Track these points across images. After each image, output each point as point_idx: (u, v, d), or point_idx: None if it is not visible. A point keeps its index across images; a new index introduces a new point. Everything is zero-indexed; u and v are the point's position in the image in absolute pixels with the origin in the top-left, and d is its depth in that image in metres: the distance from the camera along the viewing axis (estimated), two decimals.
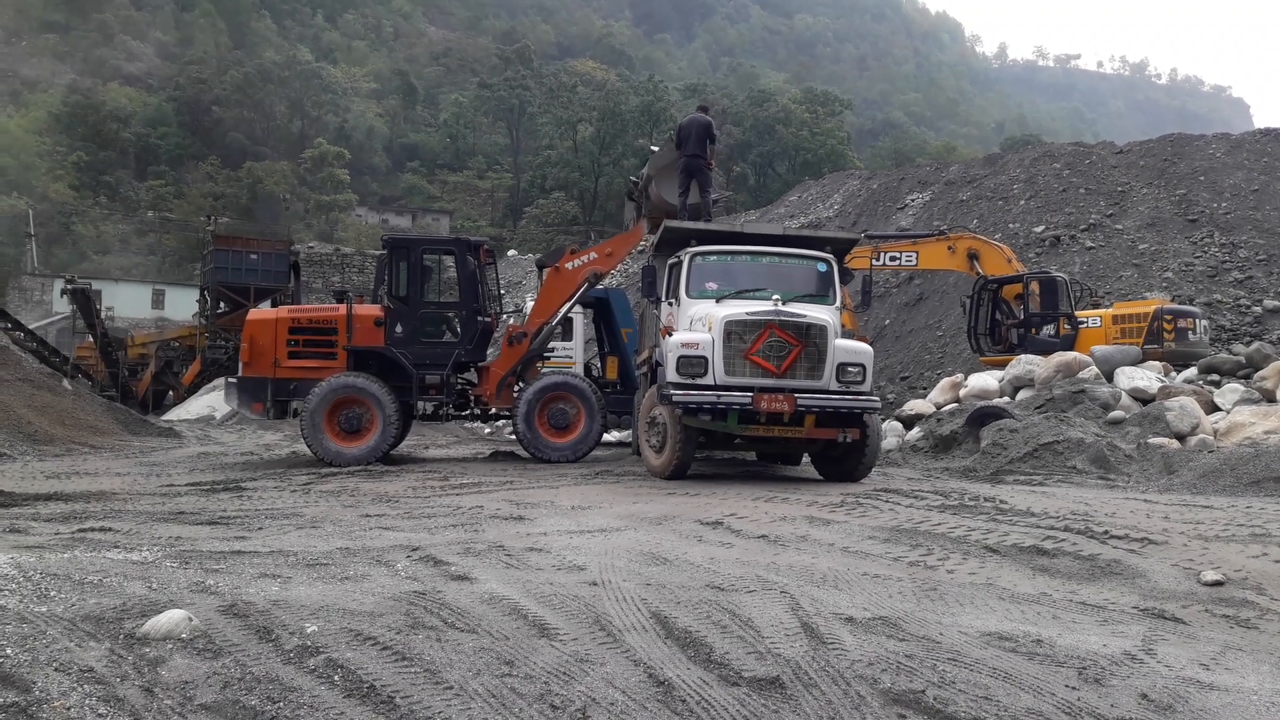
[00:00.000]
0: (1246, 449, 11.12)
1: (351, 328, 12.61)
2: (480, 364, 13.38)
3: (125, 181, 74.91)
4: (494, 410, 13.48)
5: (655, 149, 14.75)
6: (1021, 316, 18.14)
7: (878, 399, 11.08)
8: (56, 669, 3.56)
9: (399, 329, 12.81)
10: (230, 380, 12.71)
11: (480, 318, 13.22)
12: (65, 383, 18.39)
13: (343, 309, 12.99)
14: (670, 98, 78.44)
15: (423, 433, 20.66)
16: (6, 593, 4.41)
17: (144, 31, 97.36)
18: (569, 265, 13.89)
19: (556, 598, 4.82)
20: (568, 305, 13.89)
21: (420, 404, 13.06)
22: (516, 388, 13.45)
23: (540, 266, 15.03)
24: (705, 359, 10.19)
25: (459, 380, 13.23)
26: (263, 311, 13.89)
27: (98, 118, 76.17)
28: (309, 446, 12.25)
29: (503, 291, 17.90)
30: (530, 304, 22.20)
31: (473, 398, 13.34)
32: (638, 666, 3.89)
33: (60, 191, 66.13)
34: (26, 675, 3.46)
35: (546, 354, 14.43)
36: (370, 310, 12.98)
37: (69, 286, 35.14)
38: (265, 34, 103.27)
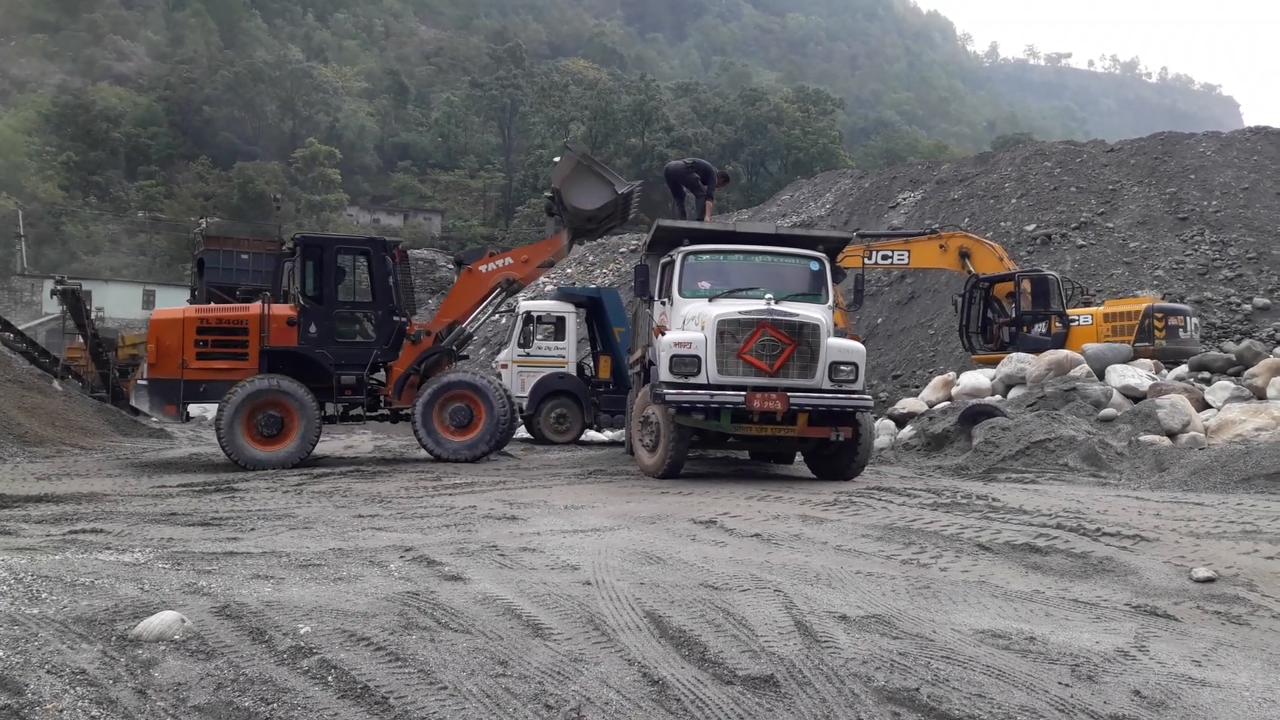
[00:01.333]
0: (1237, 446, 11.17)
1: (268, 327, 12.36)
2: (390, 364, 13.20)
3: (115, 181, 74.66)
4: (399, 409, 13.26)
5: (556, 160, 14.43)
6: (1013, 315, 18.18)
7: (870, 398, 11.10)
8: (49, 671, 3.55)
9: (313, 329, 12.58)
10: (141, 382, 12.63)
11: (395, 318, 13.03)
12: (55, 384, 18.30)
13: (253, 308, 12.72)
14: (662, 97, 78.46)
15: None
16: None
17: (134, 31, 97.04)
18: (483, 268, 13.72)
19: (550, 597, 4.82)
20: (479, 309, 13.65)
21: (333, 405, 12.84)
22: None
23: (457, 264, 14.79)
24: (698, 358, 10.20)
25: (372, 380, 13.08)
26: (167, 311, 13.53)
27: (88, 117, 75.89)
28: (225, 451, 11.91)
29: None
30: (522, 302, 22.19)
31: (382, 398, 13.18)
32: (632, 666, 3.89)
33: (50, 191, 65.88)
34: (18, 678, 3.45)
35: (461, 355, 14.25)
36: (283, 310, 12.70)
37: (59, 287, 34.89)
38: (256, 33, 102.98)
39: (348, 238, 15.82)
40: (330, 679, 3.62)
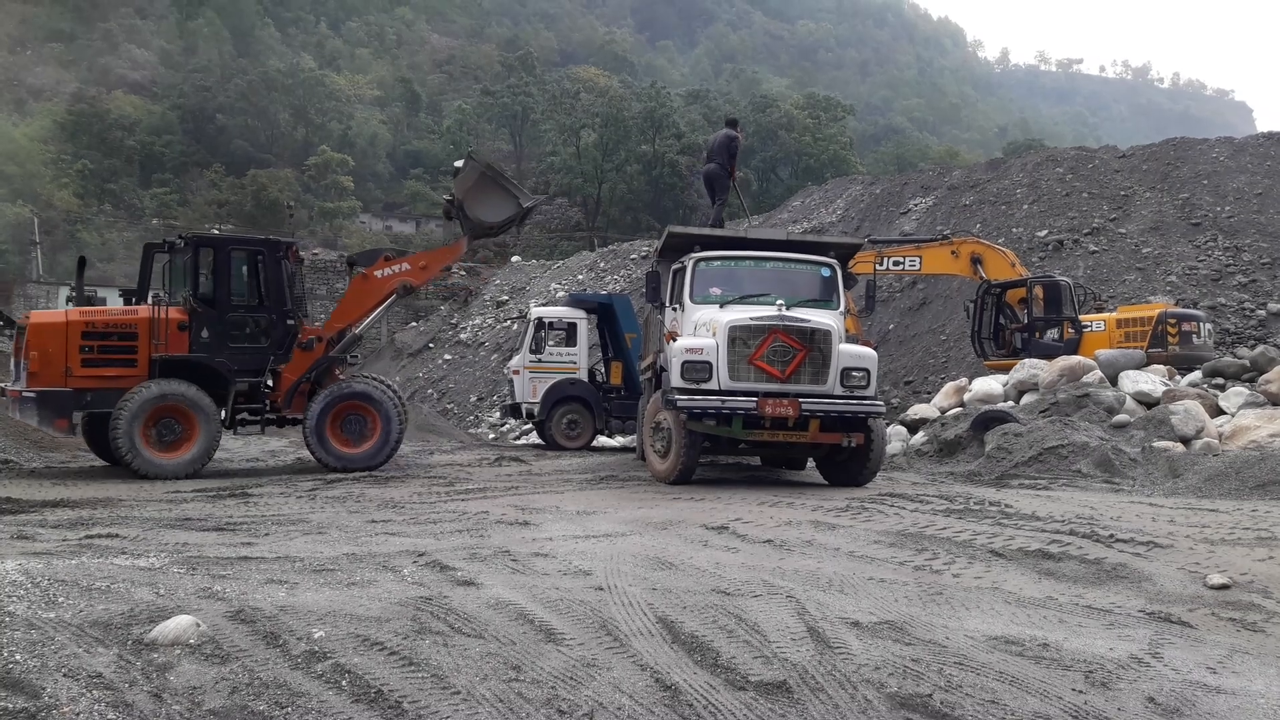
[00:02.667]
0: (1251, 452, 11.10)
1: (159, 332, 11.67)
2: (281, 369, 12.64)
3: (130, 189, 75.06)
4: (287, 417, 12.88)
5: (458, 165, 14.04)
6: (1025, 321, 18.12)
7: (882, 403, 11.08)
8: (65, 675, 3.57)
9: (205, 334, 12.00)
10: (27, 394, 11.35)
11: (289, 321, 12.52)
12: None
13: (142, 311, 11.96)
14: (673, 104, 78.50)
15: (425, 439, 20.68)
16: (15, 599, 4.43)
17: (148, 40, 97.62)
18: (378, 273, 13.29)
19: (563, 602, 4.83)
20: (375, 314, 13.32)
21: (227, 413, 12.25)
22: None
23: (350, 264, 14.37)
24: (710, 364, 10.20)
25: (265, 387, 12.59)
26: (47, 314, 12.72)
27: (102, 125, 76.33)
28: (124, 459, 11.21)
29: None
30: (534, 307, 22.22)
31: (268, 404, 12.63)
32: (644, 671, 3.90)
33: (65, 199, 66.26)
34: (35, 681, 3.48)
35: (352, 359, 13.85)
36: (173, 314, 11.93)
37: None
38: (269, 42, 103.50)
39: (241, 236, 15.02)
40: (344, 683, 3.64)
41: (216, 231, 40.74)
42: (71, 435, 11.99)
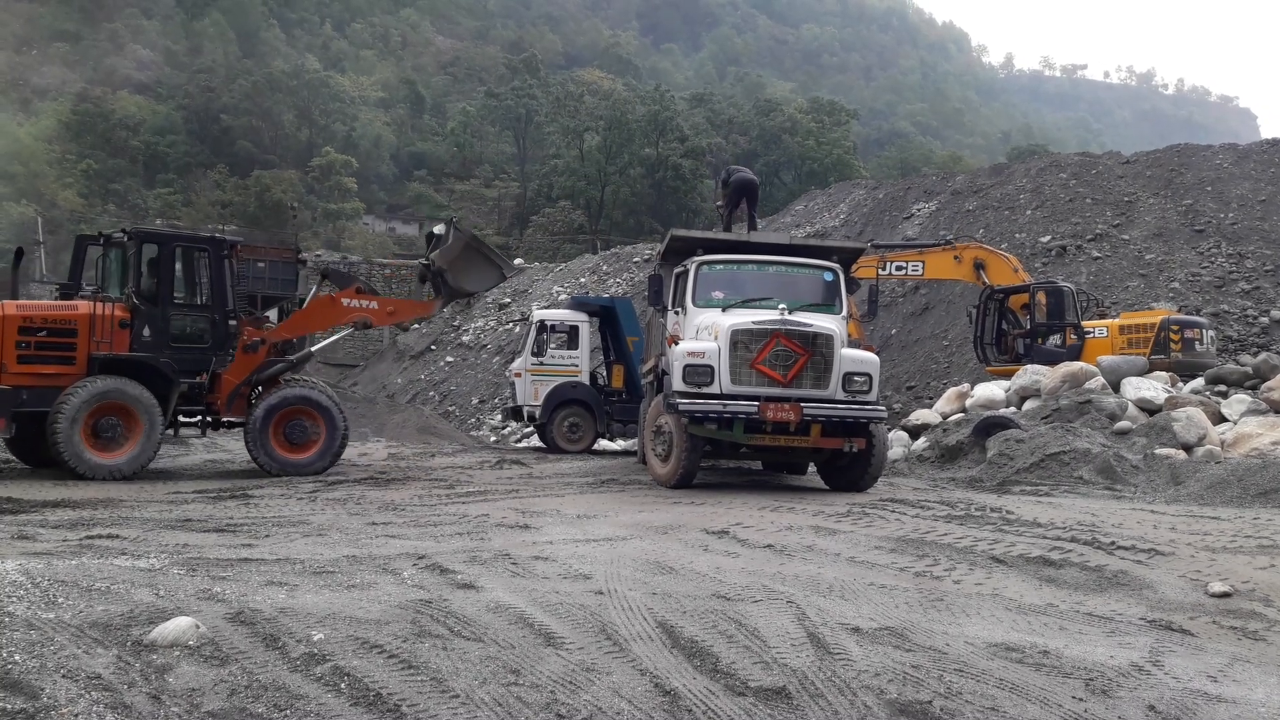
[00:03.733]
0: (1254, 460, 11.09)
1: (99, 329, 11.25)
2: (221, 371, 12.27)
3: (134, 189, 75.17)
4: (224, 420, 12.54)
5: (437, 231, 13.93)
6: (1028, 326, 18.12)
7: (884, 409, 11.08)
8: (64, 676, 3.57)
9: (147, 332, 11.61)
10: None
11: (231, 322, 12.19)
12: None
13: (82, 307, 11.48)
14: (676, 107, 78.55)
15: (426, 441, 20.69)
16: (14, 599, 4.43)
17: (153, 40, 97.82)
18: (345, 301, 13.09)
19: (562, 606, 4.83)
20: (327, 340, 13.25)
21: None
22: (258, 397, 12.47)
23: (322, 275, 14.18)
24: (711, 368, 10.20)
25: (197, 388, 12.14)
26: None
27: (107, 126, 76.52)
28: (64, 458, 10.77)
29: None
30: (536, 310, 22.22)
31: (205, 405, 12.26)
32: (644, 676, 3.89)
33: (69, 199, 66.40)
34: (34, 682, 3.48)
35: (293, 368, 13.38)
36: (116, 310, 11.52)
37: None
38: (274, 43, 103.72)
39: (186, 233, 14.63)
40: (343, 686, 3.63)
41: (219, 230, 40.71)
42: (8, 435, 11.39)
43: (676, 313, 11.65)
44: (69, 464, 10.84)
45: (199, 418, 12.41)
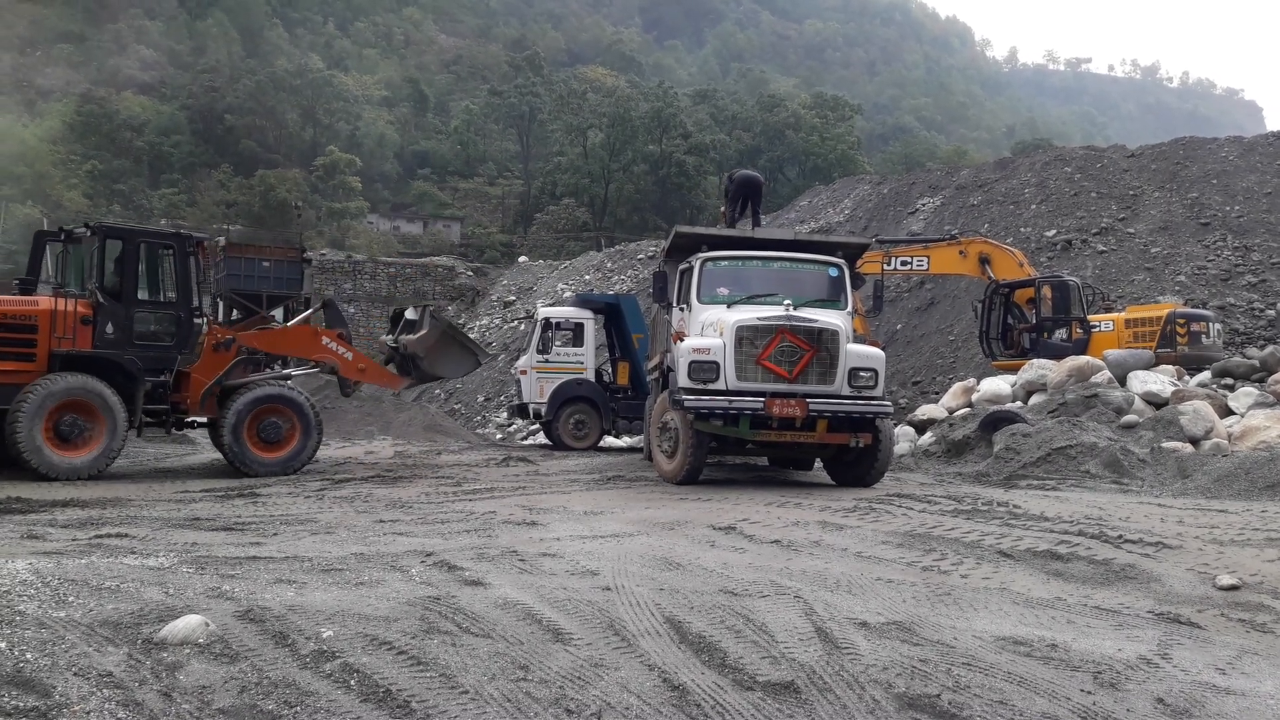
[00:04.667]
0: (1261, 453, 11.06)
1: (61, 325, 10.99)
2: (186, 370, 12.01)
3: (139, 189, 75.26)
4: (190, 420, 12.34)
5: (410, 316, 13.81)
6: (1033, 321, 18.08)
7: (889, 404, 11.07)
8: (75, 673, 3.59)
9: (110, 329, 11.35)
10: None
11: (196, 320, 12.01)
12: None
13: (43, 302, 11.20)
14: (680, 103, 78.46)
15: (432, 439, 20.72)
16: (25, 598, 4.45)
17: (157, 40, 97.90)
18: (325, 340, 13.07)
19: (570, 602, 4.84)
20: (295, 371, 13.12)
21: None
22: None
23: (324, 303, 14.20)
24: (717, 364, 10.20)
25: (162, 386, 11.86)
26: None
27: (111, 126, 76.63)
28: (24, 456, 10.51)
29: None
30: (541, 308, 22.23)
31: (170, 404, 11.94)
32: (652, 671, 3.90)
33: (74, 200, 66.44)
34: (46, 680, 3.50)
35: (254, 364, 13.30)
36: (78, 306, 11.22)
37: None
38: (277, 42, 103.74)
39: (152, 229, 14.43)
40: (352, 682, 3.65)
41: (221, 239, 40.64)
42: None
43: (681, 309, 11.65)
44: (30, 463, 10.56)
45: (163, 417, 12.05)
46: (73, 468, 10.75)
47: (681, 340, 10.85)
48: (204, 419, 12.23)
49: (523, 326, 32.64)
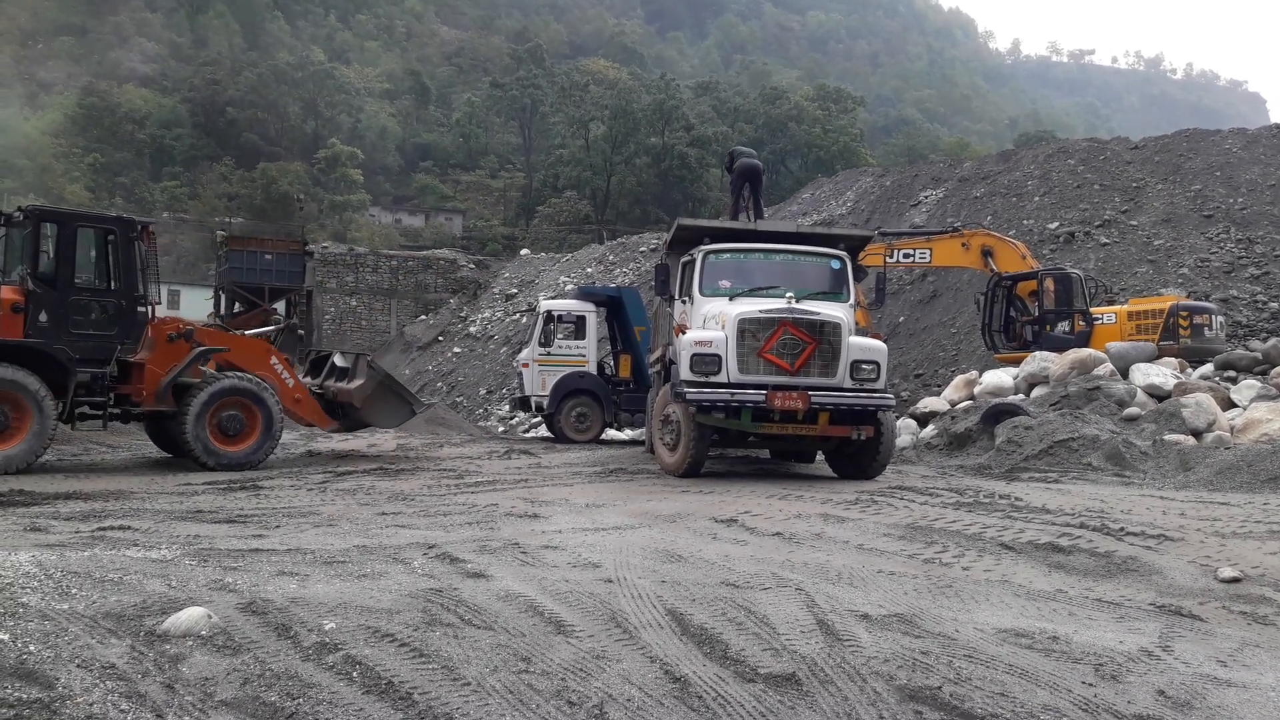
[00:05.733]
0: (1263, 445, 11.05)
1: None
2: (128, 359, 11.49)
3: (140, 183, 75.34)
4: (139, 412, 11.83)
5: (340, 363, 13.45)
6: (1036, 313, 18.07)
7: (892, 396, 11.06)
8: (78, 666, 3.60)
9: (44, 317, 10.77)
10: None
11: (140, 308, 11.43)
12: None
13: None
14: (682, 96, 78.37)
15: (434, 432, 20.73)
16: (28, 590, 4.46)
17: (158, 33, 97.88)
18: (273, 361, 12.65)
19: (572, 595, 4.84)
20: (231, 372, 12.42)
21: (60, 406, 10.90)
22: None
23: (288, 327, 13.89)
24: (719, 357, 10.19)
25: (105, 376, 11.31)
26: None
27: (113, 119, 76.66)
28: None
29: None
30: (543, 301, 22.22)
31: (112, 396, 11.37)
32: (654, 663, 3.91)
33: (76, 193, 66.52)
34: (49, 672, 3.50)
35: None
36: (7, 294, 10.69)
37: None
38: (278, 35, 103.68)
39: (89, 212, 13.84)
40: (355, 675, 3.65)
41: (224, 233, 40.61)
42: None
43: (683, 302, 11.65)
44: None
45: (106, 409, 11.37)
46: None
47: (683, 333, 10.85)
48: (156, 411, 11.59)
49: (524, 319, 32.62)
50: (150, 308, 11.60)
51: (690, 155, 71.02)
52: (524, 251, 49.98)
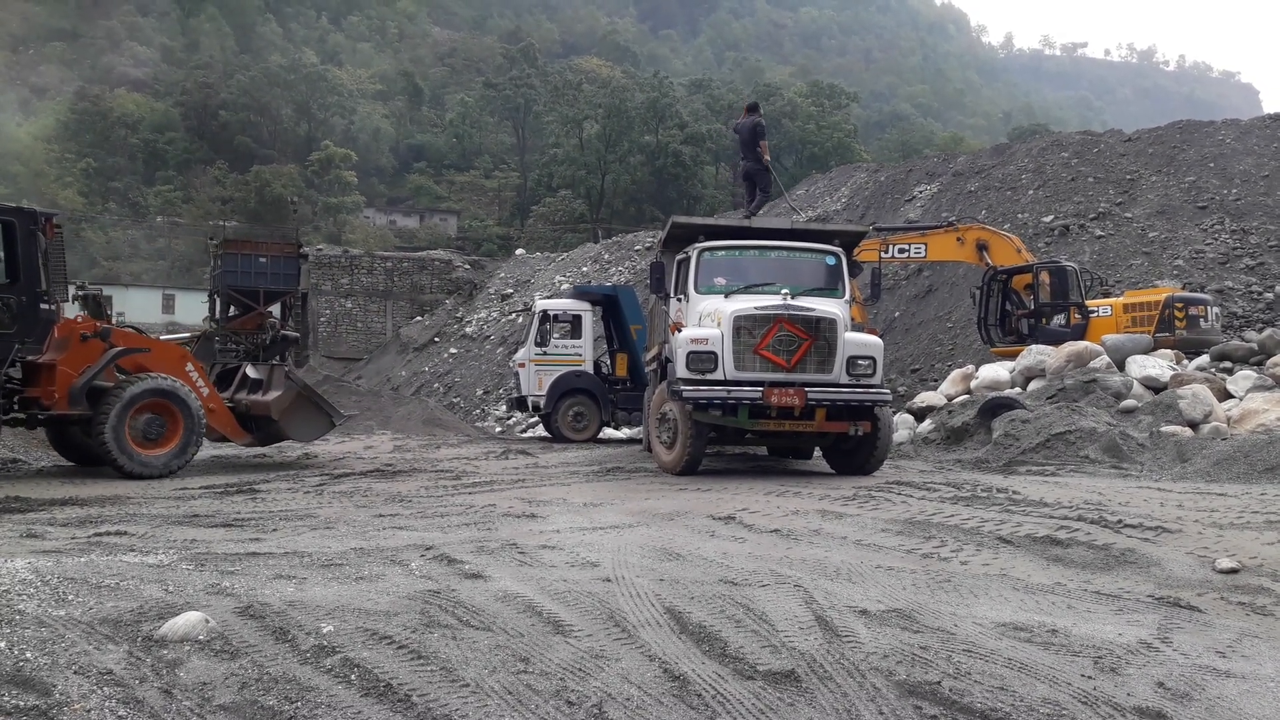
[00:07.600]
0: (1260, 436, 11.07)
1: None
2: (34, 360, 10.80)
3: (134, 187, 75.28)
4: (53, 414, 11.04)
5: (253, 374, 13.13)
6: (1032, 307, 18.08)
7: (888, 392, 11.06)
8: (76, 672, 3.59)
9: None
10: None
11: (43, 304, 10.72)
12: None
13: None
14: (675, 93, 78.37)
15: (431, 433, 20.71)
16: (25, 597, 4.44)
17: (150, 37, 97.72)
18: (189, 369, 11.97)
19: (570, 594, 4.84)
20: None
21: None
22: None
23: (203, 336, 13.37)
24: (715, 354, 10.19)
25: (6, 378, 10.61)
26: None
27: (105, 124, 76.59)
28: None
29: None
30: (538, 300, 22.22)
31: (18, 399, 10.76)
32: (653, 662, 3.90)
33: (70, 198, 66.44)
34: (46, 678, 3.49)
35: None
36: None
37: (80, 293, 35.20)
38: (271, 37, 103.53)
39: None
40: (353, 677, 3.64)
41: (216, 238, 40.40)
42: None
43: (679, 300, 11.64)
44: None
45: (7, 412, 10.71)
46: None
47: (679, 331, 10.84)
48: (66, 415, 10.95)
49: (520, 319, 32.64)
50: (56, 306, 10.95)
51: (684, 153, 71.03)
52: (519, 251, 50.00)
